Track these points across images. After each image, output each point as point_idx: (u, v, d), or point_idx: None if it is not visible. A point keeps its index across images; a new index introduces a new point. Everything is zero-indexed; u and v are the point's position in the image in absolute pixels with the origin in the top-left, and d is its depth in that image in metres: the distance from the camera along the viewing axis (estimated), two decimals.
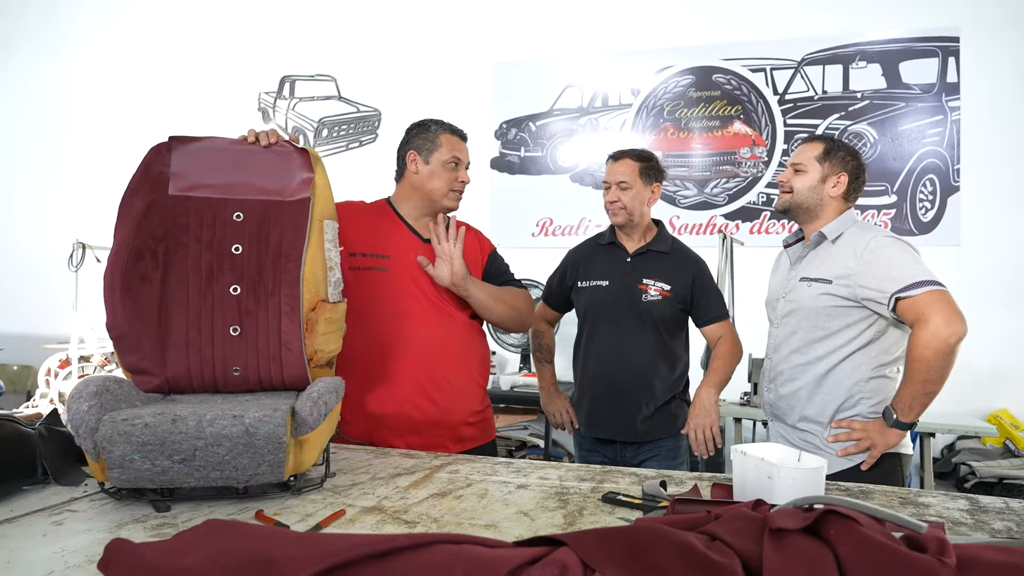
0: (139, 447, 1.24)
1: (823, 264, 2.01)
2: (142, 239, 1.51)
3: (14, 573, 0.99)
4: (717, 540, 0.82)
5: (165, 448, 1.25)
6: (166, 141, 1.64)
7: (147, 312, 1.49)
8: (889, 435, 1.89)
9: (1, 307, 5.64)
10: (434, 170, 2.02)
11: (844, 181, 2.04)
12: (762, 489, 1.23)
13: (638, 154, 2.43)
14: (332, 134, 5.10)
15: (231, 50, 5.30)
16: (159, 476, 1.26)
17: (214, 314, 1.52)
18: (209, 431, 1.26)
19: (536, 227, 4.65)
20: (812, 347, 2.01)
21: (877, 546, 0.75)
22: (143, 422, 1.25)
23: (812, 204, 2.06)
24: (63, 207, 5.52)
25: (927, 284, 1.82)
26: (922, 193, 4.00)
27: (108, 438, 1.24)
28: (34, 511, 1.27)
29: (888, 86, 4.06)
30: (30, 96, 5.77)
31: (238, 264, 1.56)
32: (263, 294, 1.55)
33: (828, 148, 2.05)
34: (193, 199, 1.57)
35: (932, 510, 1.31)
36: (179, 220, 1.55)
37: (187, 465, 1.26)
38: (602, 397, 2.45)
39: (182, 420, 1.26)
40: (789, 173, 2.09)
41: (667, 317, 2.39)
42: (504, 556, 0.80)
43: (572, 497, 1.38)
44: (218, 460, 1.27)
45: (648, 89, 4.49)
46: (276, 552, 0.83)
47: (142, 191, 1.56)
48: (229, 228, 1.57)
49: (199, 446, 1.26)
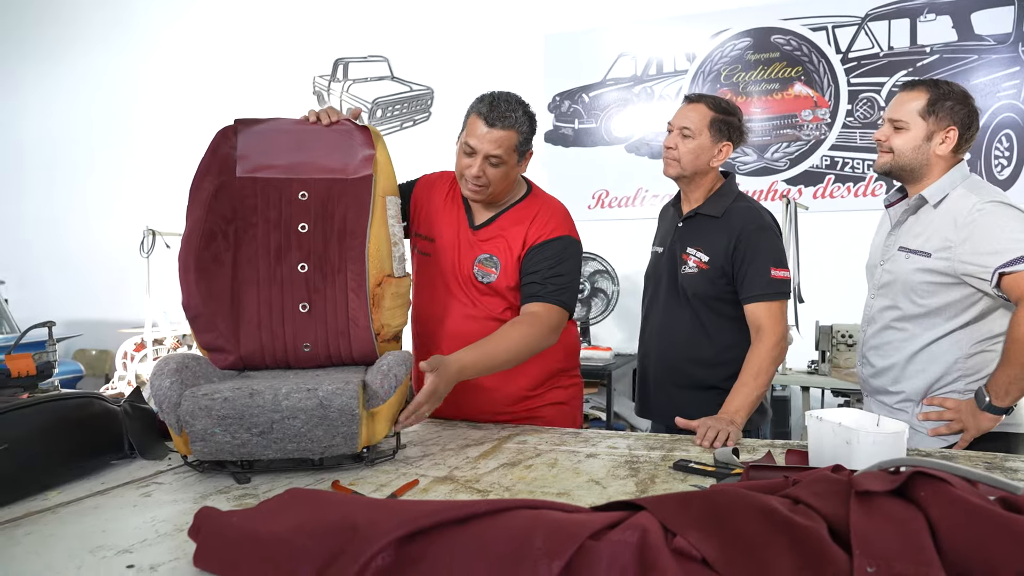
0: (219, 420, 1.29)
1: (924, 233, 1.79)
2: (213, 221, 1.55)
3: (110, 541, 1.04)
4: (800, 504, 0.81)
5: (244, 421, 1.29)
6: (232, 124, 1.67)
7: (220, 292, 1.53)
8: (982, 419, 1.70)
9: (78, 294, 5.89)
10: (457, 152, 1.81)
11: (954, 136, 1.77)
12: (840, 455, 1.20)
13: (716, 103, 2.02)
14: (386, 114, 5.13)
15: (285, 36, 5.36)
16: (239, 448, 1.31)
17: (283, 292, 1.56)
18: (285, 404, 1.29)
19: (592, 199, 4.61)
20: (909, 323, 1.82)
21: (972, 508, 0.73)
22: (222, 396, 1.29)
23: (917, 164, 1.81)
24: (133, 196, 5.71)
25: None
26: (998, 149, 3.82)
27: (190, 412, 1.29)
28: (123, 483, 1.33)
29: (959, 38, 3.87)
30: (101, 91, 5.96)
31: (305, 242, 1.59)
32: (329, 271, 1.58)
33: (933, 99, 1.77)
34: (260, 180, 1.61)
35: (1021, 474, 1.27)
36: (247, 201, 1.59)
37: (265, 437, 1.30)
38: (647, 379, 2.19)
39: (259, 394, 1.30)
40: (888, 130, 1.83)
41: (706, 294, 2.00)
42: (584, 520, 0.80)
43: (643, 465, 1.37)
44: (294, 432, 1.30)
45: (704, 54, 4.38)
46: (359, 518, 0.84)
47: (211, 174, 1.60)
48: (295, 207, 1.60)
49: (276, 419, 1.29)
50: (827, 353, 3.50)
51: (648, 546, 0.75)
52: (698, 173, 2.02)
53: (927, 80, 1.83)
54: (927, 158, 1.79)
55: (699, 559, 0.75)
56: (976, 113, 1.80)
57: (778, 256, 1.94)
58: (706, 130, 1.98)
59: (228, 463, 1.35)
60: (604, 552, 0.75)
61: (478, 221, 1.89)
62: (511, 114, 1.75)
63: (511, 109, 1.76)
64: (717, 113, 1.99)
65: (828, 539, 0.74)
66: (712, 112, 1.99)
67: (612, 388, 3.84)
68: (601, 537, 0.77)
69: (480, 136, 1.73)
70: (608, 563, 0.75)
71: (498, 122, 1.73)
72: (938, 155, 1.79)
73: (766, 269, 1.92)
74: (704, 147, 1.99)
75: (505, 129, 1.74)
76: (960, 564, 0.70)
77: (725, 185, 2.06)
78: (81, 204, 5.98)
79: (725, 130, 1.99)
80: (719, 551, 0.75)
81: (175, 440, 1.37)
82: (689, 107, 2.02)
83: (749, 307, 1.93)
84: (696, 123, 1.98)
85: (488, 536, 0.80)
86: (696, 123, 1.98)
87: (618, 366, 3.95)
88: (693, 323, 2.03)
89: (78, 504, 1.22)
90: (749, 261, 1.93)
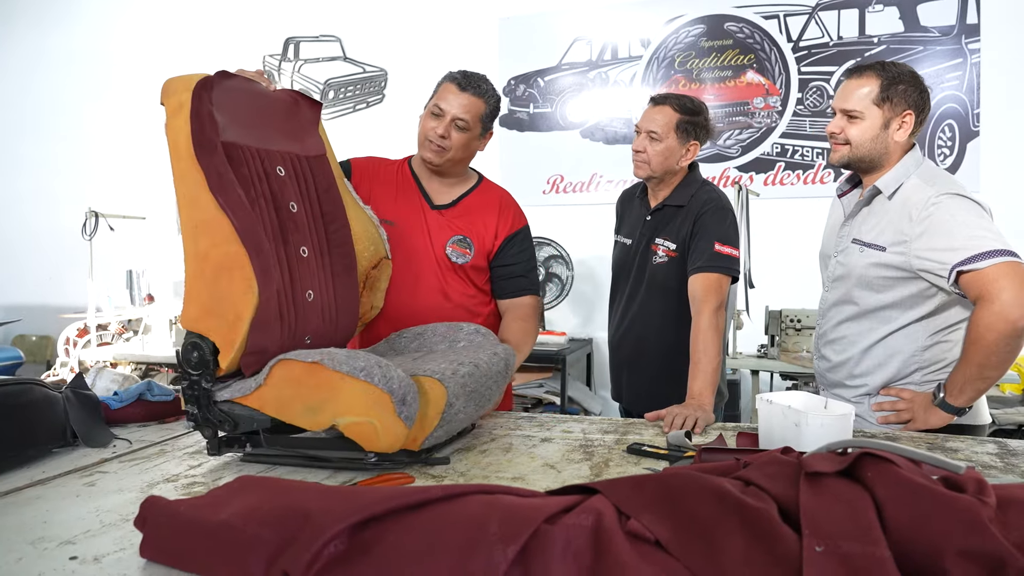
0: (468, 396, 1.32)
1: (878, 226, 1.71)
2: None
3: (52, 532, 1.01)
4: (751, 486, 0.82)
5: (476, 394, 1.35)
6: (213, 75, 1.33)
7: None
8: (932, 414, 1.64)
9: (15, 279, 5.66)
10: (423, 116, 1.85)
11: (911, 120, 1.67)
12: (789, 437, 1.23)
13: (682, 104, 2.04)
14: (339, 96, 5.04)
15: (234, 13, 5.21)
16: (460, 424, 1.35)
17: (293, 279, 1.38)
18: (494, 370, 1.42)
19: (547, 184, 4.61)
20: (864, 317, 1.76)
21: (916, 487, 0.75)
22: (465, 372, 1.32)
23: (877, 154, 1.71)
24: (73, 176, 5.50)
25: (997, 255, 1.52)
26: (940, 139, 3.93)
27: (454, 394, 1.27)
28: (66, 472, 1.29)
29: (906, 29, 3.96)
30: (33, 67, 5.71)
31: (299, 223, 1.42)
32: (321, 254, 1.47)
33: (885, 83, 1.67)
34: (243, 148, 1.35)
35: (961, 454, 1.31)
36: (241, 171, 1.32)
37: (478, 407, 1.39)
38: (621, 369, 2.24)
39: (478, 365, 1.38)
40: (841, 121, 1.73)
41: (676, 281, 2.01)
42: (539, 505, 0.80)
43: (597, 449, 1.38)
44: (488, 397, 1.42)
45: (658, 40, 4.40)
46: (312, 506, 0.83)
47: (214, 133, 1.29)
48: (279, 183, 1.41)
49: (488, 385, 1.40)
50: (776, 337, 3.57)
51: (603, 529, 0.76)
52: (667, 173, 2.07)
53: (875, 64, 1.72)
54: (886, 147, 1.70)
55: (652, 541, 0.76)
56: (927, 92, 1.71)
57: (725, 233, 1.97)
58: (672, 132, 2.02)
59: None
60: (559, 536, 0.76)
61: (438, 202, 1.89)
62: (483, 84, 1.83)
63: (483, 81, 1.84)
64: (683, 115, 2.02)
65: (778, 520, 0.76)
66: (678, 114, 2.02)
67: (566, 373, 3.86)
68: (556, 521, 0.77)
69: (451, 99, 1.79)
70: (563, 547, 0.75)
71: (470, 88, 1.80)
72: (896, 142, 1.70)
73: (711, 244, 1.94)
74: (672, 149, 2.03)
75: (476, 96, 1.80)
76: (905, 542, 0.72)
77: (689, 175, 2.11)
78: (14, 184, 5.75)
79: (692, 130, 2.03)
80: (672, 532, 0.76)
81: (398, 435, 1.18)
82: (655, 109, 2.05)
83: (690, 280, 1.93)
84: (662, 126, 2.01)
85: (443, 522, 0.79)
86: (662, 126, 2.01)
87: (572, 351, 3.97)
88: (665, 313, 2.07)
89: (17, 495, 1.17)
90: (697, 237, 1.98)
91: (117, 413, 1.58)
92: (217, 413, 1.26)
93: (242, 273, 1.22)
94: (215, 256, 1.24)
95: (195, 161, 1.22)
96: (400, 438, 1.17)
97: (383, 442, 1.17)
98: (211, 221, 1.23)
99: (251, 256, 1.22)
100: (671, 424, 1.53)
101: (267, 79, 1.51)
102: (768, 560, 0.73)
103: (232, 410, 1.26)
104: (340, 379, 1.16)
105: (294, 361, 1.20)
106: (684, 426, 1.51)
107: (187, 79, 1.28)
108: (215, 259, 1.24)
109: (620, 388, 2.29)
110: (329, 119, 5.05)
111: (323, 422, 1.19)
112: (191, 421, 1.28)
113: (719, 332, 1.84)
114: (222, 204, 1.21)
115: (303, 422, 1.21)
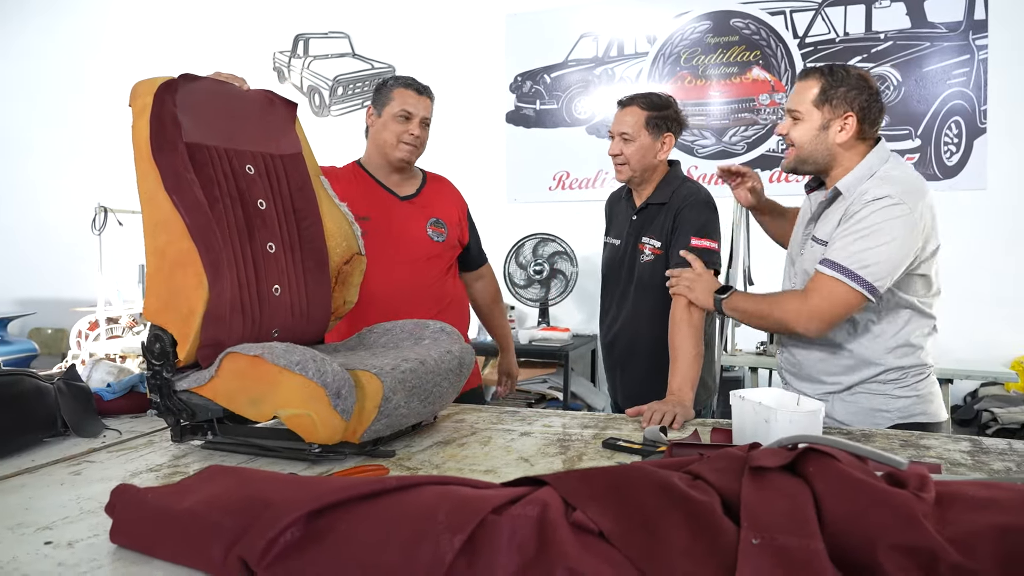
0: (409, 392, 1.31)
1: (832, 223, 1.69)
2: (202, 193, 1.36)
3: (31, 518, 1.04)
4: (699, 479, 0.84)
5: (419, 390, 1.35)
6: (175, 78, 1.39)
7: None
8: (703, 293, 1.82)
9: (29, 273, 5.76)
10: (385, 122, 2.08)
11: (852, 123, 1.65)
12: (759, 433, 1.24)
13: (648, 101, 2.07)
14: (347, 92, 5.07)
15: (245, 9, 5.26)
16: (402, 420, 1.35)
17: (258, 274, 1.42)
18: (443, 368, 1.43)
19: (553, 181, 4.62)
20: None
21: (854, 482, 0.76)
22: (407, 368, 1.33)
23: (819, 156, 1.70)
24: (83, 171, 5.58)
25: (851, 277, 1.55)
26: (947, 136, 3.90)
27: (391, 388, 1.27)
28: (54, 461, 1.32)
29: (913, 25, 3.93)
30: (45, 62, 5.79)
31: (268, 220, 1.47)
32: (290, 251, 1.51)
33: (825, 86, 1.66)
34: (211, 148, 1.40)
35: (933, 451, 1.32)
36: (205, 170, 1.36)
37: (424, 404, 1.38)
38: (616, 367, 2.27)
39: (423, 362, 1.38)
40: (788, 122, 1.73)
41: (663, 279, 1.98)
42: (488, 496, 0.82)
43: (573, 443, 1.40)
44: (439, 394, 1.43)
45: (665, 36, 4.40)
46: (273, 495, 0.86)
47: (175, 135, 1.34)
48: (247, 181, 1.45)
49: (436, 382, 1.39)
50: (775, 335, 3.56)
51: (547, 520, 0.78)
52: (647, 170, 2.10)
53: (822, 67, 1.71)
54: (827, 148, 1.68)
55: (596, 532, 0.78)
56: (876, 95, 1.67)
57: (703, 227, 1.99)
58: (643, 130, 2.06)
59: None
60: (505, 526, 0.78)
61: (403, 194, 2.15)
62: (428, 87, 2.14)
63: (425, 84, 2.14)
64: (650, 111, 2.06)
65: (720, 512, 0.77)
66: (645, 111, 2.06)
67: (570, 368, 3.88)
68: (503, 512, 0.79)
69: (415, 103, 2.08)
70: (508, 537, 0.77)
71: (424, 92, 2.11)
72: (838, 144, 1.67)
73: (687, 238, 1.97)
74: (646, 146, 2.07)
75: (430, 98, 2.13)
76: (841, 535, 0.73)
77: (670, 173, 2.14)
78: (26, 179, 5.84)
79: (662, 124, 2.07)
80: (615, 524, 0.77)
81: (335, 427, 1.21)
82: (623, 112, 2.10)
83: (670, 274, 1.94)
84: (633, 126, 2.06)
85: (394, 512, 0.82)
86: (633, 126, 2.06)
87: (575, 347, 3.99)
88: (653, 312, 2.07)
89: (4, 482, 1.21)
90: (677, 233, 2.02)
91: (110, 404, 1.62)
92: (176, 402, 1.33)
93: (194, 269, 1.28)
94: (171, 253, 1.30)
95: (153, 161, 1.28)
96: (338, 430, 1.21)
97: (322, 434, 1.21)
98: (167, 219, 1.29)
99: (200, 253, 1.27)
100: (649, 419, 1.54)
101: (241, 80, 1.56)
102: (708, 551, 0.74)
103: (190, 399, 1.32)
104: (279, 372, 1.21)
105: (239, 354, 1.26)
106: (663, 421, 1.53)
107: (152, 82, 1.35)
108: (171, 255, 1.30)
109: (615, 387, 2.31)
110: (338, 115, 5.10)
111: (266, 413, 1.25)
112: (154, 409, 1.35)
113: (693, 326, 1.84)
114: (176, 203, 1.27)
115: (248, 413, 1.27)
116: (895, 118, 3.95)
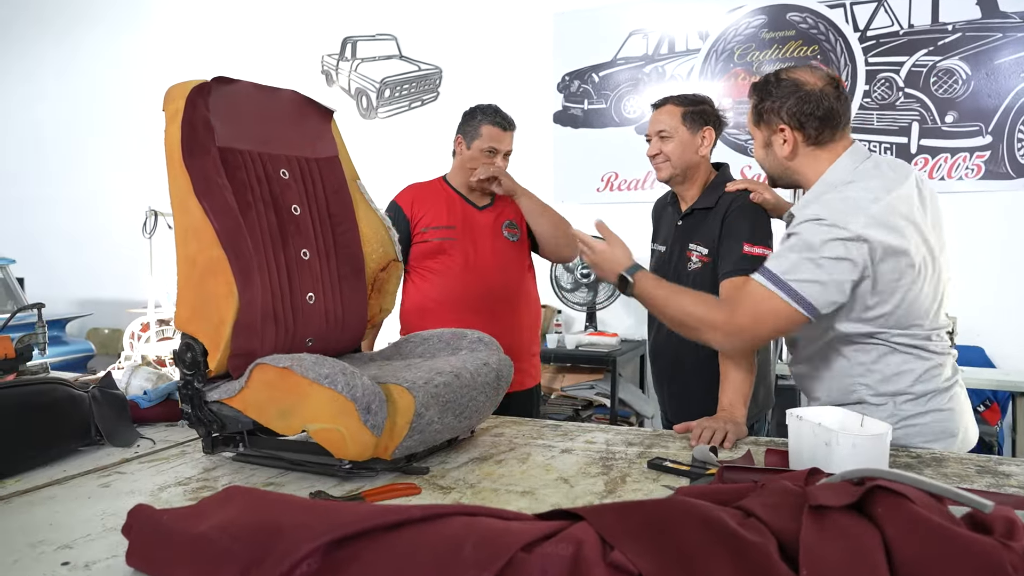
0: (443, 407, 1.26)
1: None
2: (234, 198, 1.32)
3: (54, 535, 1.02)
4: (752, 516, 0.76)
5: (454, 405, 1.30)
6: (208, 81, 1.36)
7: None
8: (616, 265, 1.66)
9: (88, 275, 5.91)
10: (473, 155, 2.32)
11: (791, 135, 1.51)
12: (819, 457, 1.14)
13: (683, 97, 2.02)
14: (394, 94, 5.06)
15: (294, 13, 5.30)
16: (436, 435, 1.29)
17: (291, 281, 1.37)
18: (480, 381, 1.37)
19: (601, 182, 4.52)
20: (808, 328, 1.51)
21: (930, 526, 0.67)
22: (441, 381, 1.28)
23: (778, 174, 1.58)
24: (136, 175, 5.69)
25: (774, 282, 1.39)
26: (1020, 132, 3.68)
27: (423, 404, 1.22)
28: (85, 472, 1.30)
29: (983, 15, 3.72)
30: (103, 70, 5.93)
31: (302, 226, 1.42)
32: (326, 257, 1.47)
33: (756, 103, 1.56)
34: (243, 152, 1.36)
35: (1014, 480, 1.20)
36: (238, 175, 1.33)
37: (459, 419, 1.33)
38: (663, 379, 2.16)
39: (458, 375, 1.33)
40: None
41: (711, 288, 1.84)
42: (518, 530, 0.75)
43: (617, 463, 1.32)
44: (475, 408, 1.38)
45: (717, 32, 4.26)
46: (285, 520, 0.80)
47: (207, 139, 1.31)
48: (282, 186, 1.41)
49: (472, 396, 1.34)
50: None
51: (582, 559, 0.71)
52: (690, 167, 1.99)
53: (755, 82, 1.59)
54: (780, 165, 1.55)
55: (636, 574, 0.70)
56: (815, 97, 1.48)
57: (755, 233, 1.85)
58: (681, 126, 1.97)
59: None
60: (535, 565, 0.71)
61: (480, 204, 2.38)
62: (512, 120, 2.39)
63: (510, 118, 2.39)
64: (686, 107, 1.99)
65: (774, 555, 0.69)
66: (681, 107, 1.99)
67: (617, 374, 3.78)
68: (533, 549, 0.72)
69: (500, 140, 2.34)
70: None
71: (509, 128, 2.37)
72: (786, 158, 1.53)
73: (739, 245, 1.84)
74: (686, 141, 1.97)
75: (513, 130, 2.39)
76: None
77: (718, 176, 2.03)
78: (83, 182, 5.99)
79: (700, 118, 1.98)
80: (656, 565, 0.70)
81: (366, 443, 1.15)
82: (658, 112, 2.03)
83: (721, 286, 1.82)
84: (669, 123, 1.98)
85: (418, 543, 0.76)
86: (669, 123, 1.98)
87: (623, 352, 3.89)
88: None
89: (34, 494, 1.20)
90: (725, 238, 1.88)
91: (146, 412, 1.60)
92: (207, 413, 1.29)
93: (224, 278, 1.24)
94: (201, 260, 1.26)
95: (184, 167, 1.24)
96: (368, 446, 1.15)
97: (351, 450, 1.16)
98: (198, 226, 1.25)
99: (230, 260, 1.22)
100: (698, 437, 1.45)
101: None
102: None
103: (220, 411, 1.28)
104: (308, 385, 1.16)
105: (268, 365, 1.22)
106: (713, 440, 1.43)
107: (184, 86, 1.31)
108: (201, 263, 1.26)
109: (663, 400, 2.22)
110: (385, 117, 5.09)
111: (295, 427, 1.20)
112: (186, 419, 1.32)
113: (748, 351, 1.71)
114: (206, 209, 1.22)
115: (277, 426, 1.22)
116: (963, 114, 3.75)
